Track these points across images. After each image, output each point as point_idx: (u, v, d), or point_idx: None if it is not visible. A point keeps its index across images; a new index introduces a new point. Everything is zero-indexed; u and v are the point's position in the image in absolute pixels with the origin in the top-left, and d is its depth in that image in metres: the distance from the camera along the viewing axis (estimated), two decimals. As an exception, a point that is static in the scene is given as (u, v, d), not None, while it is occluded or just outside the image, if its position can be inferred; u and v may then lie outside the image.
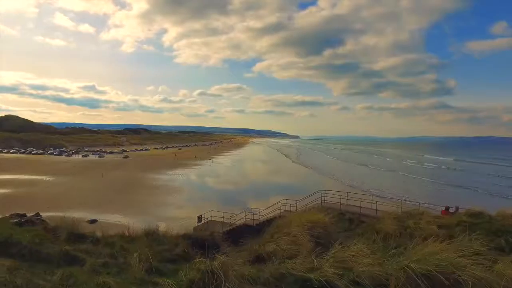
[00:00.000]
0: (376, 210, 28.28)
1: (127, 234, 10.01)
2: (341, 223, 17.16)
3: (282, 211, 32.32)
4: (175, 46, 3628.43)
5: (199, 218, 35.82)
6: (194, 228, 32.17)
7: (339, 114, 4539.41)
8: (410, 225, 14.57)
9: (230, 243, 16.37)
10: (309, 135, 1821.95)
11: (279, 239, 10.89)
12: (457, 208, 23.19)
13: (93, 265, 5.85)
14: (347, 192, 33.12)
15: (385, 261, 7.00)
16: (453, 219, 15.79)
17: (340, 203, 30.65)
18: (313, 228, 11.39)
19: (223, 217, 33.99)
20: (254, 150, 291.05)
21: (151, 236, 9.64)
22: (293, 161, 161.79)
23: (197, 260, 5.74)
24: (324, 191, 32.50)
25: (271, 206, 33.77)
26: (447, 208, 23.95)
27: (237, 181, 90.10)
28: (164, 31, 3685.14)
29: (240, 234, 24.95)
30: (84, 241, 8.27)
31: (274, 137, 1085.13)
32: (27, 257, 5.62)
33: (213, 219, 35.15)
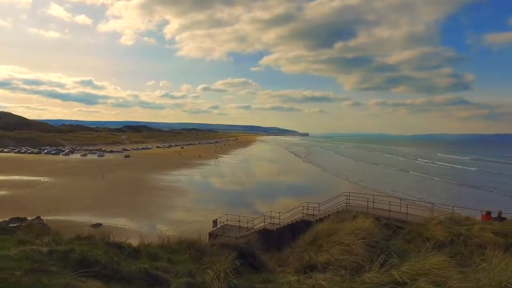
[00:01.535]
0: (407, 214, 27.92)
1: (166, 243, 9.62)
2: (380, 229, 16.74)
3: (304, 214, 32.05)
4: (177, 38, 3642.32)
5: (215, 222, 35.55)
6: (209, 233, 31.88)
7: (350, 110, 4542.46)
8: (463, 232, 14.17)
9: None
10: (319, 132, 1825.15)
11: (331, 248, 10.56)
12: (500, 213, 22.67)
13: (179, 286, 5.47)
14: (373, 195, 32.72)
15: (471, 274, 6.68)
16: (507, 226, 15.32)
17: (367, 206, 30.24)
18: (367, 237, 11.05)
19: (239, 221, 33.64)
20: (261, 148, 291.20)
21: (194, 246, 9.25)
22: (303, 160, 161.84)
23: (292, 278, 5.39)
24: (348, 194, 32.08)
25: (291, 209, 33.48)
26: (488, 213, 23.40)
27: (245, 182, 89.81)
28: (166, 22, 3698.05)
29: (261, 239, 24.66)
30: (123, 252, 7.89)
31: (282, 135, 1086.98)
32: (110, 278, 5.29)
33: (228, 223, 34.82)
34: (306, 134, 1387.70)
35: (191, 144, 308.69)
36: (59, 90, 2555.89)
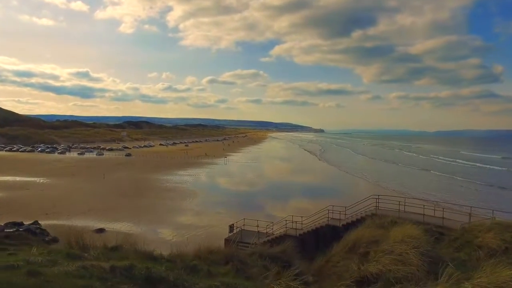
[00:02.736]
0: (443, 218, 27.64)
1: (202, 254, 9.47)
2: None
3: (329, 219, 31.88)
4: (181, 26, 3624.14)
5: (231, 228, 35.51)
6: (225, 239, 31.94)
7: (369, 104, 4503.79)
8: (518, 239, 14.00)
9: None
10: (335, 128, 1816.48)
11: (381, 258, 10.41)
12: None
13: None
14: (405, 198, 32.57)
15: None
16: None
17: (399, 210, 30.04)
18: (419, 246, 10.89)
19: (257, 226, 33.59)
20: (273, 146, 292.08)
21: (234, 257, 9.10)
22: (318, 159, 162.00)
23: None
24: (377, 196, 31.82)
25: (314, 214, 33.29)
26: (536, 218, 23.22)
27: (257, 182, 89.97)
28: (169, 9, 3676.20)
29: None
30: (157, 263, 7.77)
31: (295, 131, 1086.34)
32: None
33: (245, 227, 34.77)
34: (321, 130, 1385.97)
35: (197, 141, 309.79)
36: (52, 82, 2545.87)
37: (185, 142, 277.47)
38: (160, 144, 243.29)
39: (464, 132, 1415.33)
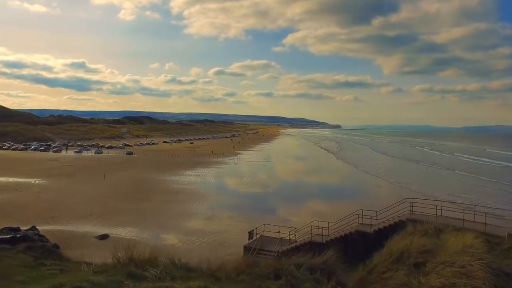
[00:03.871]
0: (485, 224, 27.41)
1: (244, 267, 9.26)
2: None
3: (358, 224, 31.75)
4: (185, 13, 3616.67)
5: (250, 234, 35.46)
6: (244, 246, 31.92)
7: (390, 98, 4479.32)
8: None
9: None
10: (354, 124, 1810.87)
11: (442, 271, 10.22)
12: None
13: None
14: (442, 201, 32.38)
15: None
16: None
17: (436, 214, 29.82)
18: (484, 257, 10.67)
19: (279, 232, 33.58)
20: (287, 143, 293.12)
21: (283, 270, 8.88)
22: (336, 158, 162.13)
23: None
24: (412, 200, 31.70)
25: (342, 219, 33.14)
26: None
27: (271, 184, 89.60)
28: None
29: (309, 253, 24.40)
30: (192, 276, 7.59)
31: (310, 127, 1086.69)
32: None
33: (265, 234, 34.72)
34: (338, 126, 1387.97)
35: (203, 138, 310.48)
36: (45, 74, 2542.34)
37: (190, 139, 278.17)
38: (164, 142, 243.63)
39: (494, 128, 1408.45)
